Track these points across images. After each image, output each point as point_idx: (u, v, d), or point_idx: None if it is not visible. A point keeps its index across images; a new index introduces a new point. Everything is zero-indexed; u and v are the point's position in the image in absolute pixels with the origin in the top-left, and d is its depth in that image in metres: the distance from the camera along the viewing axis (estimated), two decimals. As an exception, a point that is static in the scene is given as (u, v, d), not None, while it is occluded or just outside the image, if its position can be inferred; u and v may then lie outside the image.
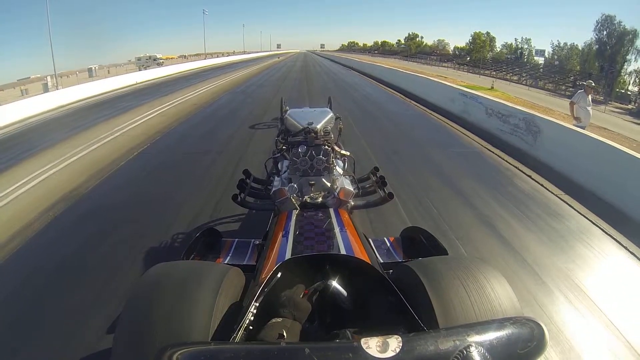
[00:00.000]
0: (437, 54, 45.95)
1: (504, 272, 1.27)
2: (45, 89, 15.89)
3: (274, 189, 2.27)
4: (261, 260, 1.62)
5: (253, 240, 2.19)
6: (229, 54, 60.50)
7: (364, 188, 2.69)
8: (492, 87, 18.45)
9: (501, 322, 0.81)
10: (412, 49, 55.25)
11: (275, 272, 1.23)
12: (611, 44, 27.85)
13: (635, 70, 27.26)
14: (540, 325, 0.80)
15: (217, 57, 48.76)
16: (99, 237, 3.33)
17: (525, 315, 0.95)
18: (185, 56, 59.84)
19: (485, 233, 3.39)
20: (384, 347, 0.71)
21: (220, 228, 2.98)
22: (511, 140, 6.48)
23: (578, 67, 30.51)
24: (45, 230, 3.57)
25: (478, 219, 3.66)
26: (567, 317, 2.40)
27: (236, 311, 1.14)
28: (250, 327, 1.04)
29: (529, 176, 4.96)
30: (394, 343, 0.71)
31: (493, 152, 6.10)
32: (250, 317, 1.05)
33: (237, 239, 2.25)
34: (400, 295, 1.09)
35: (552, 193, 4.40)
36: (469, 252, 3.12)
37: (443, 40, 55.89)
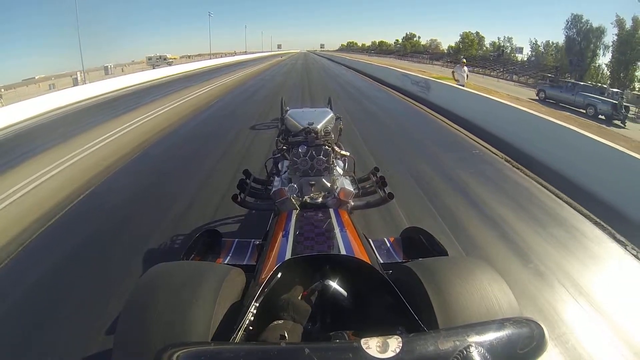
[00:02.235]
0: (429, 53, 48.84)
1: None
2: (75, 83, 18.90)
3: (274, 189, 2.27)
4: (261, 261, 1.62)
5: (253, 240, 2.19)
6: (231, 54, 60.82)
7: (364, 188, 2.69)
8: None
9: (501, 322, 0.81)
10: (408, 49, 57.79)
11: (276, 273, 1.23)
12: (579, 40, 30.84)
13: (605, 64, 30.11)
14: (540, 326, 0.80)
15: (221, 57, 49.92)
16: (212, 125, 8.15)
17: (525, 315, 0.95)
18: (189, 56, 60.10)
19: (391, 122, 8.21)
20: (384, 348, 0.70)
21: (220, 228, 2.98)
22: (418, 94, 12.01)
23: (554, 62, 33.69)
24: (171, 133, 7.56)
25: (388, 117, 8.86)
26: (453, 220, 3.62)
27: (236, 311, 1.14)
28: (251, 328, 1.04)
29: (418, 106, 10.33)
30: (394, 343, 0.71)
31: (407, 99, 11.73)
32: (250, 317, 1.05)
33: (237, 239, 2.25)
34: (400, 296, 1.09)
35: (428, 112, 9.42)
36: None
37: (435, 39, 59.79)
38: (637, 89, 24.92)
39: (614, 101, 15.21)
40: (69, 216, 3.87)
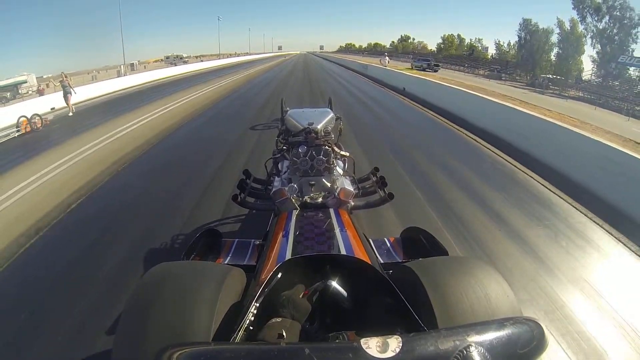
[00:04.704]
0: (414, 53, 56.61)
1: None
2: (119, 74, 23.79)
3: (274, 189, 2.27)
4: (261, 261, 1.62)
5: (253, 240, 2.19)
6: (234, 55, 61.57)
7: (364, 188, 2.69)
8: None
9: (501, 322, 0.81)
10: (399, 50, 64.97)
11: (276, 273, 1.23)
12: (529, 40, 38.08)
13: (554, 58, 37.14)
14: (540, 325, 0.80)
15: (226, 57, 52.95)
16: (251, 93, 14.80)
17: (525, 315, 0.95)
18: (196, 56, 60.82)
19: (341, 80, 20.59)
20: (384, 348, 0.70)
21: (220, 228, 2.98)
22: (362, 72, 24.63)
23: (513, 59, 41.37)
24: (227, 95, 13.93)
25: (347, 80, 19.82)
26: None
27: (237, 311, 1.14)
28: (251, 328, 1.04)
29: (358, 75, 23.71)
30: (394, 343, 0.71)
31: (355, 73, 24.80)
32: (250, 317, 1.05)
33: (237, 239, 2.25)
34: (400, 296, 1.09)
35: (360, 75, 23.17)
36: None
37: (422, 41, 69.07)
38: (574, 77, 32.47)
39: (430, 61, 33.94)
40: (208, 111, 10.25)
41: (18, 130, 8.61)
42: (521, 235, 3.36)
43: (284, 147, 2.70)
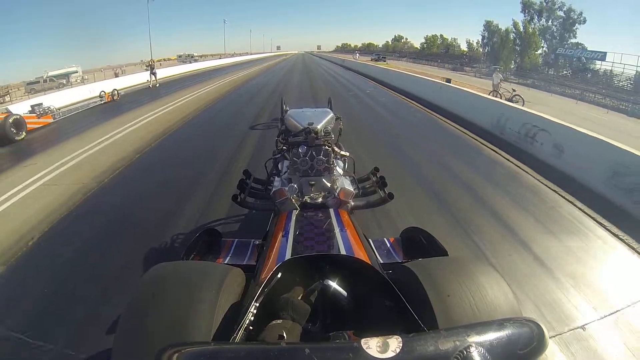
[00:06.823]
0: (399, 52, 63.52)
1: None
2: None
3: (274, 189, 2.27)
4: (261, 261, 1.62)
5: (253, 240, 2.19)
6: (235, 55, 62.27)
7: (364, 188, 2.69)
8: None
9: (501, 323, 0.81)
10: (390, 49, 71.46)
11: (276, 272, 1.23)
12: (490, 38, 45.54)
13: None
14: (540, 326, 0.80)
15: (229, 57, 55.36)
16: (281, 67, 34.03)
17: (525, 315, 0.95)
18: (200, 56, 61.52)
19: (328, 69, 30.83)
20: (384, 348, 0.71)
21: (220, 228, 2.98)
22: (341, 64, 36.05)
23: (483, 56, 47.92)
24: (264, 69, 30.89)
25: (334, 70, 29.37)
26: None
27: (236, 311, 1.14)
28: (251, 328, 1.04)
29: (338, 65, 34.84)
30: (394, 343, 0.71)
31: (336, 64, 36.99)
32: (250, 317, 1.05)
33: (237, 239, 2.25)
34: (400, 296, 1.09)
35: (339, 66, 34.01)
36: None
37: (409, 41, 76.01)
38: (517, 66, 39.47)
39: (380, 55, 47.97)
40: (241, 87, 17.01)
41: (102, 99, 12.24)
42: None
43: (284, 147, 2.70)
